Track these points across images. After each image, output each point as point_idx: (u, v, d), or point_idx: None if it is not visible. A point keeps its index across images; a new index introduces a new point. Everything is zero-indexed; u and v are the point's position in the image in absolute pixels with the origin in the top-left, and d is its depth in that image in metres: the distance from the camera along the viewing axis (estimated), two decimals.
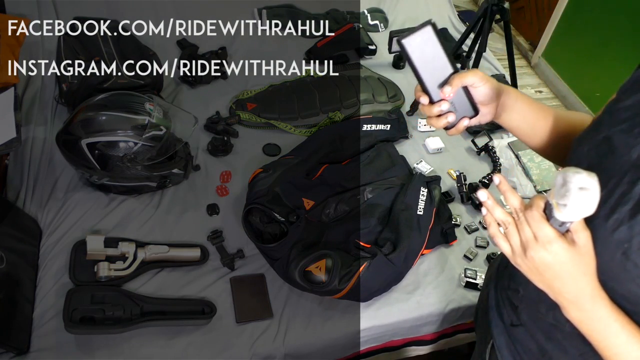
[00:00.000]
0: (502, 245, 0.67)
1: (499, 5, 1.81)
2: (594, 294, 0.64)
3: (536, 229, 0.62)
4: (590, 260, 0.63)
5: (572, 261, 0.62)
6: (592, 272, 0.64)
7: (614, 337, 0.64)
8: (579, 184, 0.56)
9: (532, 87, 3.20)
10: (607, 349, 0.65)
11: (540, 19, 3.26)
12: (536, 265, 0.64)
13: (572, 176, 0.56)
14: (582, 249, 0.62)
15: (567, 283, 0.64)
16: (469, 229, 1.64)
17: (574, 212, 0.57)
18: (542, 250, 0.62)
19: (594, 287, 0.64)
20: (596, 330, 0.65)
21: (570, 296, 0.65)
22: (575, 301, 0.65)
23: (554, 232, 0.61)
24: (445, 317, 1.48)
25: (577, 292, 0.64)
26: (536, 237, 0.62)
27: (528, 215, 0.63)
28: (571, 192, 0.56)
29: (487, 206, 0.68)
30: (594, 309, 0.64)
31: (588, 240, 0.62)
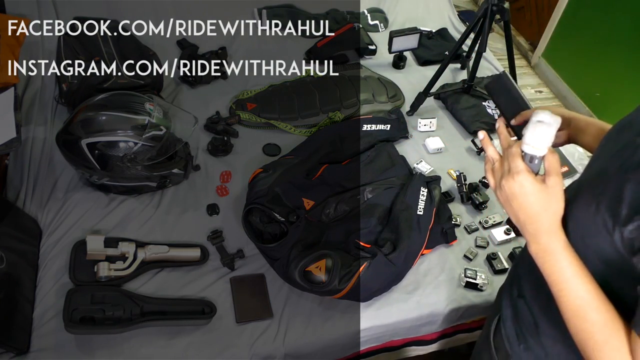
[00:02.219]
0: (489, 179, 0.79)
1: (499, 5, 1.81)
2: (550, 230, 0.71)
3: (510, 161, 0.73)
4: (556, 200, 0.71)
5: (535, 195, 0.70)
6: (554, 211, 0.71)
7: (561, 272, 0.70)
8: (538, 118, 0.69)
9: (532, 87, 3.20)
10: (555, 283, 0.71)
11: (540, 19, 3.26)
12: (506, 194, 0.73)
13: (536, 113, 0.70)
14: (550, 189, 0.70)
15: (529, 215, 0.71)
16: (469, 229, 1.64)
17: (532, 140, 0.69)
18: (511, 180, 0.72)
19: (552, 223, 0.71)
20: (547, 263, 0.71)
21: (531, 228, 0.72)
22: (533, 233, 0.72)
23: (523, 165, 0.71)
24: (445, 317, 1.48)
25: (536, 225, 0.71)
26: (509, 169, 0.72)
27: (508, 151, 0.74)
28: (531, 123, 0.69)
29: (483, 144, 0.80)
30: (548, 242, 0.71)
31: (557, 183, 0.71)
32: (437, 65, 2.07)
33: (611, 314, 0.67)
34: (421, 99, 2.01)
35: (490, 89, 0.97)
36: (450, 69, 2.27)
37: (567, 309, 0.70)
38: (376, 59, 2.31)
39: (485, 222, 1.66)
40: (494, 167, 0.77)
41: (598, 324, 0.67)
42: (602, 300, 0.68)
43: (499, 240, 1.60)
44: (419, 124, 1.98)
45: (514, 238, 1.62)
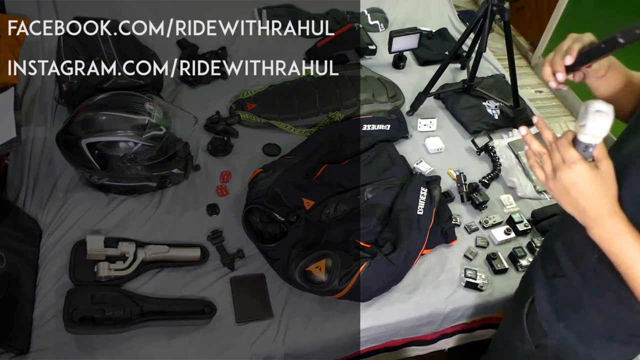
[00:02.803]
0: (538, 173, 0.78)
1: (499, 5, 1.81)
2: (612, 212, 0.74)
3: (563, 153, 0.74)
4: (611, 183, 0.74)
5: (593, 181, 0.72)
6: (612, 195, 0.74)
7: (628, 251, 0.73)
8: (595, 108, 0.70)
9: (532, 87, 3.20)
10: (623, 263, 0.74)
11: (540, 19, 3.26)
12: (564, 184, 0.74)
13: (592, 103, 0.71)
14: (604, 174, 0.73)
15: (589, 201, 0.73)
16: (469, 229, 1.64)
17: (591, 130, 0.71)
18: (568, 170, 0.73)
19: (612, 206, 0.74)
20: (614, 244, 0.74)
21: (593, 213, 0.74)
22: (596, 218, 0.74)
23: (578, 155, 0.73)
24: (445, 317, 1.48)
25: (598, 209, 0.74)
26: (564, 160, 0.74)
27: (558, 143, 0.75)
28: (589, 114, 0.70)
29: (526, 139, 0.80)
30: (612, 224, 0.74)
31: (609, 167, 0.73)
32: (437, 65, 2.07)
33: None
34: (421, 99, 2.01)
35: None
36: (450, 69, 2.27)
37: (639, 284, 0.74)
38: (376, 59, 2.31)
39: (485, 222, 1.66)
40: (541, 161, 0.78)
41: None
42: None
43: (499, 240, 1.60)
44: (419, 124, 1.98)
45: (514, 238, 1.62)
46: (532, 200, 1.75)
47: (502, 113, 2.04)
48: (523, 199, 1.75)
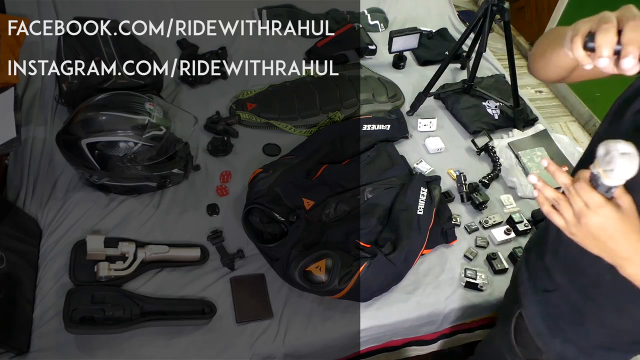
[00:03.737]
0: (557, 220, 0.74)
1: (499, 5, 1.81)
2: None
3: (586, 197, 0.69)
4: (635, 219, 0.71)
5: (621, 221, 0.69)
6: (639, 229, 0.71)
7: None
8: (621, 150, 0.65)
9: (532, 87, 3.20)
10: None
11: (540, 19, 3.26)
12: (591, 230, 0.70)
13: (614, 145, 0.65)
14: (627, 211, 0.70)
15: (620, 242, 0.70)
16: (469, 229, 1.64)
17: (620, 175, 0.66)
18: (595, 215, 0.69)
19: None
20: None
21: (625, 254, 0.71)
22: (629, 257, 0.71)
23: (603, 198, 0.69)
24: (445, 317, 1.48)
25: (630, 248, 0.71)
26: (587, 205, 0.69)
27: (577, 187, 0.70)
28: (615, 158, 0.65)
29: (538, 187, 0.75)
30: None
31: (631, 203, 0.70)
32: (437, 65, 2.07)
33: None
34: (421, 99, 2.01)
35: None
36: (450, 69, 2.27)
37: None
38: (376, 59, 2.31)
39: (485, 222, 1.66)
40: (559, 207, 0.73)
41: None
42: None
43: (499, 240, 1.60)
44: (419, 124, 1.98)
45: (514, 238, 1.62)
46: (532, 200, 1.75)
47: (502, 113, 2.04)
48: (523, 199, 1.75)
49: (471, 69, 2.05)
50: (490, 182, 1.77)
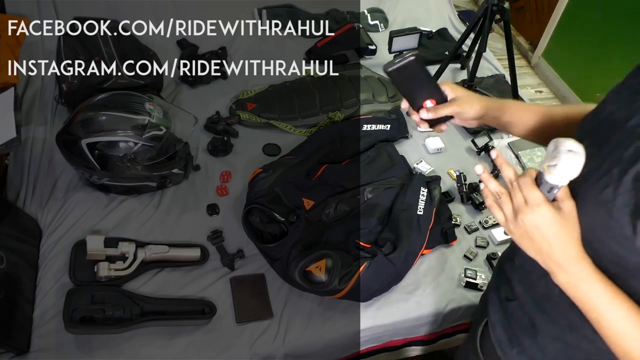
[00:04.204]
0: (497, 214, 0.73)
1: (499, 5, 1.81)
2: (578, 257, 0.68)
3: (527, 193, 0.68)
4: (575, 225, 0.68)
5: (558, 224, 0.67)
6: (577, 237, 0.68)
7: (597, 298, 0.67)
8: (567, 147, 0.65)
9: (532, 87, 3.20)
10: (591, 311, 0.68)
11: (540, 19, 3.26)
12: (526, 228, 0.68)
13: (563, 142, 0.65)
14: (567, 215, 0.68)
15: (554, 246, 0.68)
16: (469, 229, 1.64)
17: (563, 172, 0.65)
18: (531, 213, 0.67)
19: (578, 250, 0.68)
20: (581, 291, 0.68)
21: (557, 258, 0.68)
22: (561, 263, 0.69)
23: (543, 196, 0.67)
24: (445, 317, 1.48)
25: (563, 254, 0.68)
26: (526, 201, 0.68)
27: (520, 182, 0.69)
28: (561, 154, 0.64)
29: (483, 179, 0.75)
30: (578, 270, 0.68)
31: (573, 208, 0.68)
32: (437, 65, 2.07)
33: None
34: None
35: (394, 74, 0.86)
36: (450, 69, 2.27)
37: (610, 333, 0.68)
38: (376, 59, 2.31)
39: (485, 222, 1.66)
40: (500, 201, 0.72)
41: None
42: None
43: (499, 240, 1.60)
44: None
45: None
46: None
47: None
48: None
49: (471, 69, 2.05)
50: None
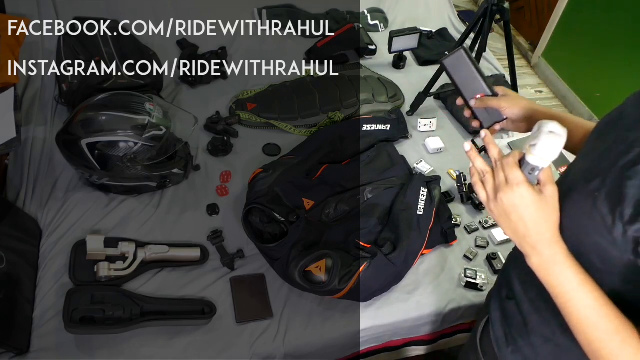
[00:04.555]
0: (480, 192, 0.75)
1: (499, 5, 1.81)
2: (552, 240, 0.70)
3: (508, 172, 0.70)
4: (554, 211, 0.70)
5: (536, 206, 0.69)
6: (554, 221, 0.70)
7: (567, 283, 0.68)
8: (549, 129, 0.67)
9: (532, 87, 3.20)
10: (560, 296, 0.70)
11: (540, 19, 3.26)
12: (504, 207, 0.70)
13: (546, 123, 0.67)
14: (548, 199, 0.69)
15: (529, 227, 0.69)
16: (469, 229, 1.64)
17: (542, 152, 0.67)
18: (510, 192, 0.69)
19: (553, 234, 0.70)
20: (552, 274, 0.70)
21: (532, 240, 0.70)
22: (535, 246, 0.70)
23: (523, 176, 0.69)
24: (445, 317, 1.48)
25: (538, 236, 0.69)
26: (507, 180, 0.70)
27: (504, 161, 0.71)
28: (542, 134, 0.67)
29: (470, 156, 0.76)
30: (551, 253, 0.69)
31: (554, 193, 0.70)
32: (437, 65, 2.07)
33: (621, 320, 0.66)
34: (421, 99, 2.01)
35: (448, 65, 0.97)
36: None
37: (576, 320, 0.69)
38: (376, 59, 2.31)
39: (485, 222, 1.66)
40: (484, 179, 0.74)
41: (610, 332, 0.66)
42: (610, 307, 0.66)
43: (499, 240, 1.60)
44: (419, 124, 1.98)
45: None
46: None
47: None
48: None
49: None
50: None
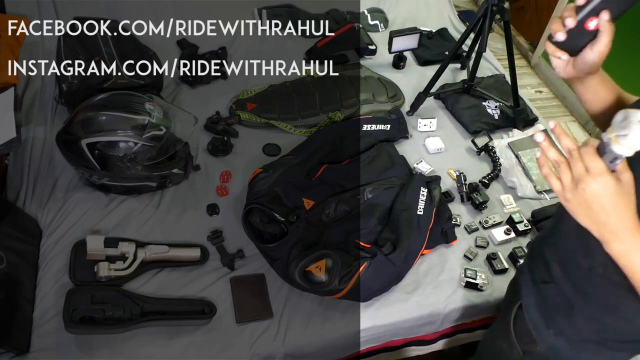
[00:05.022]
0: (554, 183, 0.73)
1: (499, 5, 1.81)
2: (634, 227, 0.70)
3: (589, 162, 0.68)
4: (632, 197, 0.70)
5: (617, 194, 0.69)
6: (633, 209, 0.70)
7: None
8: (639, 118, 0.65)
9: (532, 87, 3.19)
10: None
11: (540, 19, 3.26)
12: (586, 197, 0.69)
13: (634, 112, 0.65)
14: (626, 186, 0.69)
15: (611, 215, 0.69)
16: (469, 229, 1.64)
17: (632, 142, 0.65)
18: (593, 182, 0.68)
19: (635, 220, 0.70)
20: (634, 262, 0.71)
21: (614, 227, 0.70)
22: (617, 232, 0.70)
23: (605, 166, 0.68)
24: (445, 317, 1.48)
25: (620, 223, 0.70)
26: (588, 170, 0.68)
27: (582, 151, 0.69)
28: (633, 124, 0.64)
29: (543, 147, 0.74)
30: (633, 240, 0.70)
31: (631, 179, 0.70)
32: (437, 65, 2.07)
33: None
34: (421, 99, 2.01)
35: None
36: (450, 69, 2.27)
37: None
38: (376, 59, 2.31)
39: (485, 222, 1.66)
40: (559, 170, 0.72)
41: None
42: None
43: (499, 240, 1.60)
44: (419, 124, 1.98)
45: (514, 238, 1.62)
46: (532, 200, 1.75)
47: (502, 113, 2.04)
48: (523, 199, 1.75)
49: (471, 69, 2.05)
50: (490, 182, 1.77)
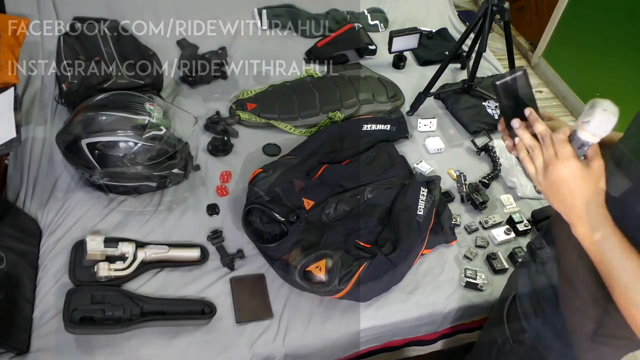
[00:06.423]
0: (528, 167, 0.78)
1: (499, 5, 1.81)
2: (599, 212, 0.73)
3: (558, 147, 0.73)
4: (602, 184, 0.73)
5: (584, 179, 0.72)
6: (600, 194, 0.73)
7: (611, 252, 0.72)
8: (603, 107, 0.70)
9: (532, 87, 3.19)
10: (604, 263, 0.73)
11: (540, 19, 3.26)
12: (554, 179, 0.74)
13: (599, 101, 0.70)
14: (594, 173, 0.73)
15: (577, 198, 0.73)
16: (469, 229, 1.64)
17: (594, 128, 0.70)
18: (560, 166, 0.73)
19: (600, 205, 0.73)
20: (598, 244, 0.73)
21: (579, 211, 0.74)
22: (582, 216, 0.74)
23: (573, 151, 0.73)
24: (445, 317, 1.48)
25: (585, 207, 0.73)
26: (557, 154, 0.73)
27: (554, 137, 0.74)
28: (595, 112, 0.70)
29: (519, 133, 0.78)
30: (597, 224, 0.73)
31: (601, 167, 0.74)
32: (437, 65, 2.07)
33: None
34: (421, 99, 2.01)
35: (503, 87, 0.81)
36: (450, 69, 2.27)
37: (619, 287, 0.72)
38: (376, 59, 2.31)
39: (485, 222, 1.66)
40: (533, 154, 0.77)
41: None
42: None
43: (499, 240, 1.60)
44: (419, 124, 1.98)
45: (514, 238, 1.62)
46: (532, 200, 1.75)
47: None
48: (523, 199, 1.76)
49: (471, 69, 2.05)
50: (490, 182, 1.77)
